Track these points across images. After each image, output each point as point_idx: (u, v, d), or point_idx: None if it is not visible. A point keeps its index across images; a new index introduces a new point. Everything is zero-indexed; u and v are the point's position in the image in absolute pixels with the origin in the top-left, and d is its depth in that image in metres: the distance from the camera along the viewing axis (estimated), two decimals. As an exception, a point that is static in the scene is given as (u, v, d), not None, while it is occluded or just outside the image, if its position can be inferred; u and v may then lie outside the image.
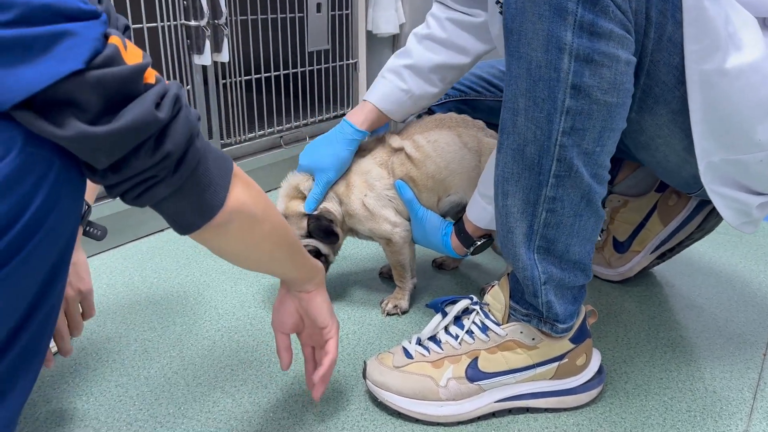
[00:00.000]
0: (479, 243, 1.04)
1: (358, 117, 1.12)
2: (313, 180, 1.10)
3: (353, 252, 1.42)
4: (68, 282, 0.77)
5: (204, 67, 1.57)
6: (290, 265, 0.73)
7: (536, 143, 0.73)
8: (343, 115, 1.68)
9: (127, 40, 0.47)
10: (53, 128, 0.43)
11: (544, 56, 0.68)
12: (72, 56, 0.42)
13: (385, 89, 1.13)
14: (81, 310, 0.82)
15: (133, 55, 0.47)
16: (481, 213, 1.00)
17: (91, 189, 0.81)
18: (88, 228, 0.82)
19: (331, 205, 1.10)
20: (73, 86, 0.42)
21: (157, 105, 0.47)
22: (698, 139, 0.79)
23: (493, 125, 1.13)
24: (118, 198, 0.53)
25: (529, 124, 0.73)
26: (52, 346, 0.81)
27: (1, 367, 0.48)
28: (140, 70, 0.46)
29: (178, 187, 0.52)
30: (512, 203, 0.78)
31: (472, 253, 1.06)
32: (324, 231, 1.08)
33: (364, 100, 1.14)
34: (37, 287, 0.48)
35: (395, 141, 1.10)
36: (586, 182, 0.74)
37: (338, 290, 1.24)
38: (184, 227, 0.57)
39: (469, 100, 1.28)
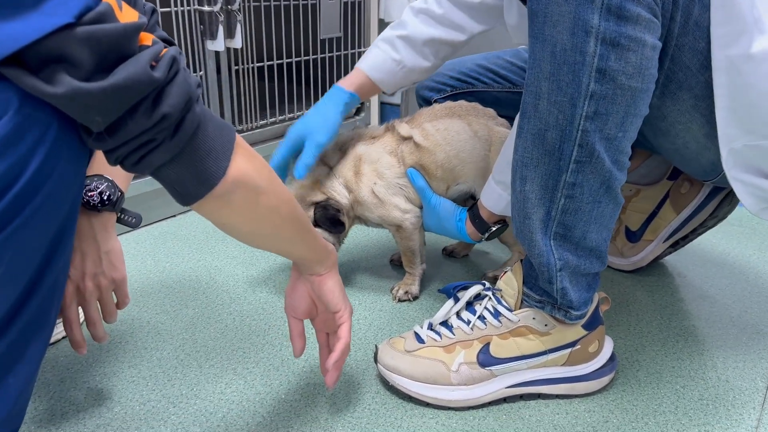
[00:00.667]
0: (494, 228, 1.04)
1: (346, 81, 1.13)
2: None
3: (364, 239, 1.42)
4: (101, 272, 0.76)
5: (217, 53, 1.57)
6: (299, 243, 0.71)
7: (558, 128, 0.72)
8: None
9: (123, 2, 0.46)
10: (45, 85, 0.42)
11: (569, 39, 0.67)
12: (62, 11, 0.41)
13: (377, 58, 1.13)
14: (115, 300, 0.81)
15: (128, 17, 0.46)
16: (495, 199, 1.00)
17: (125, 177, 0.80)
18: (121, 215, 0.81)
19: (339, 192, 1.10)
20: (63, 41, 0.41)
21: (153, 66, 0.46)
22: (722, 125, 0.78)
23: (501, 116, 1.13)
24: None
25: (552, 108, 0.72)
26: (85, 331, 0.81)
27: (6, 339, 0.48)
28: (134, 28, 0.46)
29: (177, 153, 0.51)
30: (530, 189, 0.77)
31: (487, 239, 1.06)
32: (330, 220, 1.08)
33: (356, 68, 1.14)
34: (39, 257, 0.48)
35: (404, 129, 1.10)
36: (606, 168, 0.73)
37: (349, 277, 1.24)
38: (185, 197, 0.55)
39: (475, 91, 1.27)
